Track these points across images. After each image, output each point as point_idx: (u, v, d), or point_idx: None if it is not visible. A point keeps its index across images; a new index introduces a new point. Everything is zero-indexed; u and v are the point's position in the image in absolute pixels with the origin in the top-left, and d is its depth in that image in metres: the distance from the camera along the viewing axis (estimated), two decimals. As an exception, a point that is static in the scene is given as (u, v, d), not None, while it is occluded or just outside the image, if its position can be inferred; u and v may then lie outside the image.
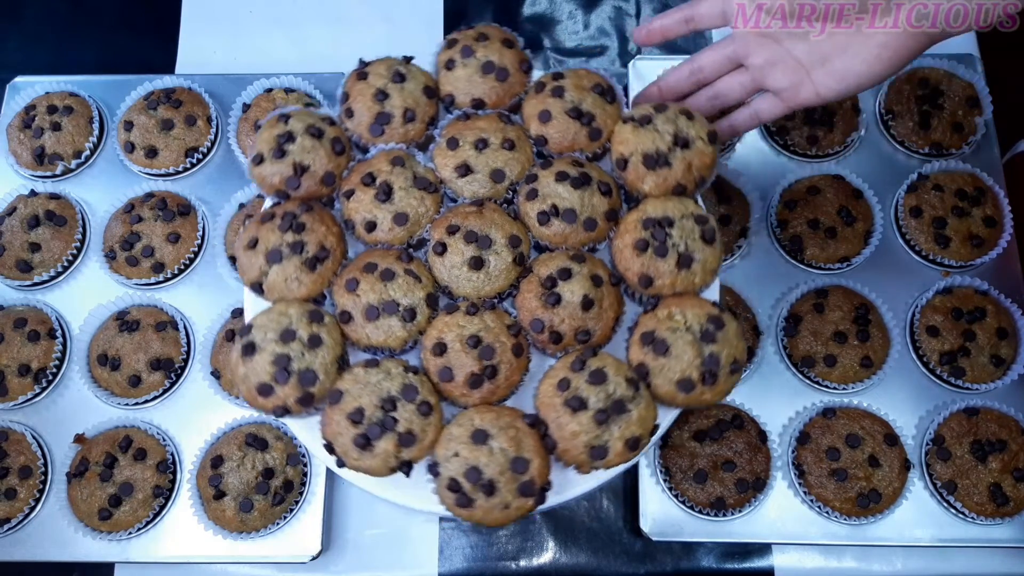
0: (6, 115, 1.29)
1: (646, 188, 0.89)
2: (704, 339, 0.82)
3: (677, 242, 0.85)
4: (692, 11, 0.94)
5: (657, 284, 0.86)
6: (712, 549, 1.13)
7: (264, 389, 0.81)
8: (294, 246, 0.86)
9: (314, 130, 0.91)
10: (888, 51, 0.82)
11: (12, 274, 1.19)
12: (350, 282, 0.86)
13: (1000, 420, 1.09)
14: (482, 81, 0.94)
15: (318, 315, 0.85)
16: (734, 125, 0.99)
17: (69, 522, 1.08)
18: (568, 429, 0.79)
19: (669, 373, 0.81)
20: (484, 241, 0.86)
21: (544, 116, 0.92)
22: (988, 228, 1.16)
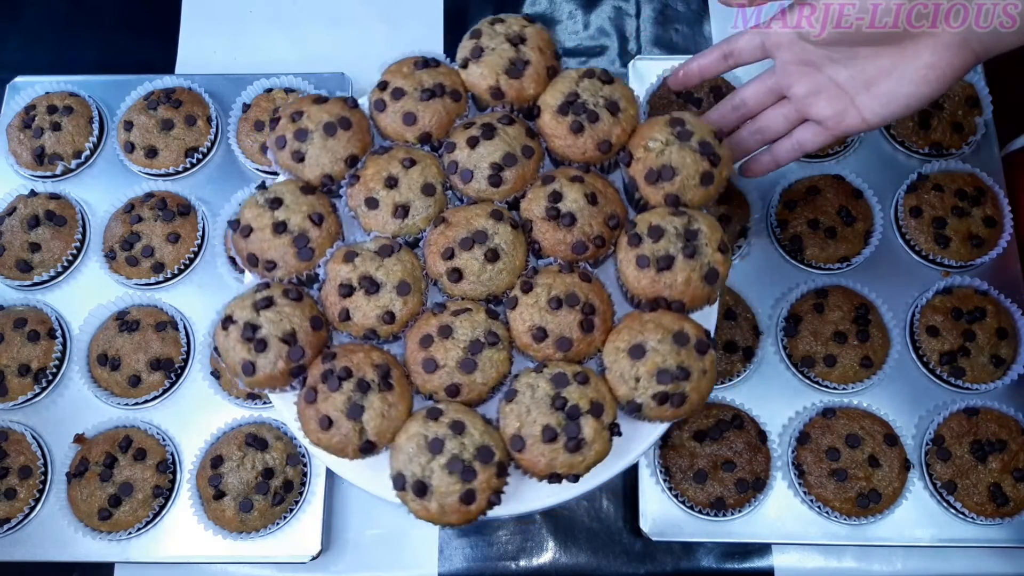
0: (6, 115, 1.29)
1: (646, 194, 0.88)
2: (677, 340, 0.80)
3: (669, 248, 0.83)
4: (730, 46, 0.93)
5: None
6: (712, 549, 1.13)
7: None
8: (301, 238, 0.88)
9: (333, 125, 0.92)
10: (935, 71, 0.80)
11: (12, 274, 1.19)
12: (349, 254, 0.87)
13: (1000, 420, 1.09)
14: (502, 75, 0.93)
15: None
16: (776, 158, 0.98)
17: (69, 522, 1.08)
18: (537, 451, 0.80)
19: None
20: (491, 254, 0.86)
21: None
22: (988, 228, 1.16)
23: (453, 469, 0.77)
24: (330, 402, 0.80)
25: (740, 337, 1.13)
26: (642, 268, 0.84)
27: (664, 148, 0.87)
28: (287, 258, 0.86)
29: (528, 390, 0.80)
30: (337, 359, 0.82)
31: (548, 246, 0.87)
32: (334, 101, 0.92)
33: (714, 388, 1.12)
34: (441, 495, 0.77)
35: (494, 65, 0.92)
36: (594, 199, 0.87)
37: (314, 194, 0.89)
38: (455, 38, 0.98)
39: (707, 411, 1.10)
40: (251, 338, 0.82)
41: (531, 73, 0.92)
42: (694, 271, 0.83)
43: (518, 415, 0.79)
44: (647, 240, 0.84)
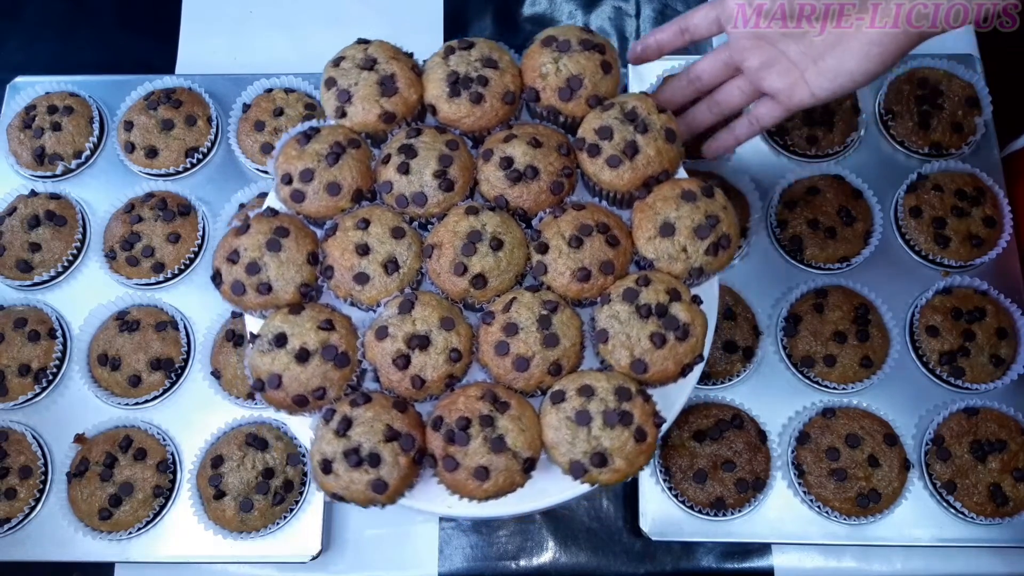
0: (6, 115, 1.29)
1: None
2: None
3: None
4: (686, 22, 0.94)
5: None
6: (712, 549, 1.13)
7: (324, 466, 0.81)
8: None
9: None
10: (878, 48, 0.82)
11: (12, 274, 1.19)
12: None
13: (1000, 420, 1.09)
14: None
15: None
16: (736, 134, 0.99)
17: (69, 522, 1.08)
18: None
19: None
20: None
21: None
22: (988, 228, 1.16)
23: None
24: (470, 455, 0.79)
25: (740, 337, 1.13)
26: (615, 167, 0.88)
27: (556, 66, 0.91)
28: (330, 376, 0.83)
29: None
30: (444, 415, 0.81)
31: (529, 205, 0.89)
32: (258, 219, 0.88)
33: (714, 388, 1.12)
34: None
35: (368, 97, 0.91)
36: (537, 143, 0.89)
37: (304, 309, 0.86)
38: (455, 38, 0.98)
39: (707, 411, 1.10)
40: (360, 461, 0.79)
41: (403, 82, 0.92)
42: (657, 139, 0.88)
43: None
44: (603, 142, 0.88)
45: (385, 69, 0.92)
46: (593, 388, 0.80)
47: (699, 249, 0.85)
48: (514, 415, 0.80)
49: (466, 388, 0.83)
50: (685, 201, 0.85)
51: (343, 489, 0.80)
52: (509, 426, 0.80)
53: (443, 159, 0.88)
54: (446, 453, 0.79)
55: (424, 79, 0.94)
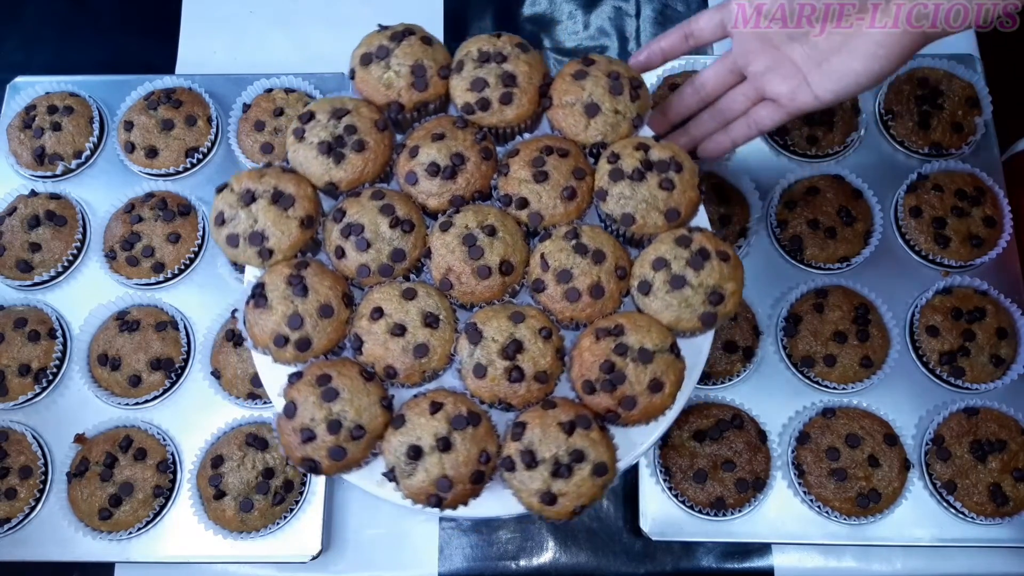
0: (6, 115, 1.29)
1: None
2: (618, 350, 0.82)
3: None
4: (691, 26, 0.94)
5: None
6: (712, 549, 1.13)
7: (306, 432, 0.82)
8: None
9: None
10: (884, 49, 0.82)
11: (12, 274, 1.19)
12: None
13: (1000, 420, 1.09)
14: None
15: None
16: (733, 137, 0.98)
17: (69, 522, 1.08)
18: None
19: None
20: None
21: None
22: (988, 228, 1.16)
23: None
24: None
25: (740, 337, 1.13)
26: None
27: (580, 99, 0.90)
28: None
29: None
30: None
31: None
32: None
33: (714, 388, 1.12)
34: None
35: (392, 80, 0.92)
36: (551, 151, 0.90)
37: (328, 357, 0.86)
38: (455, 39, 0.98)
39: (707, 411, 1.10)
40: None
41: (430, 77, 0.93)
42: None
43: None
44: (623, 177, 0.87)
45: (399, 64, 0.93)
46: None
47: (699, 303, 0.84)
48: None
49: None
50: (677, 244, 0.85)
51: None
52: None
53: (455, 157, 0.90)
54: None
55: (452, 82, 0.94)
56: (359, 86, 0.94)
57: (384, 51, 0.93)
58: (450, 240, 0.86)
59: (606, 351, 0.82)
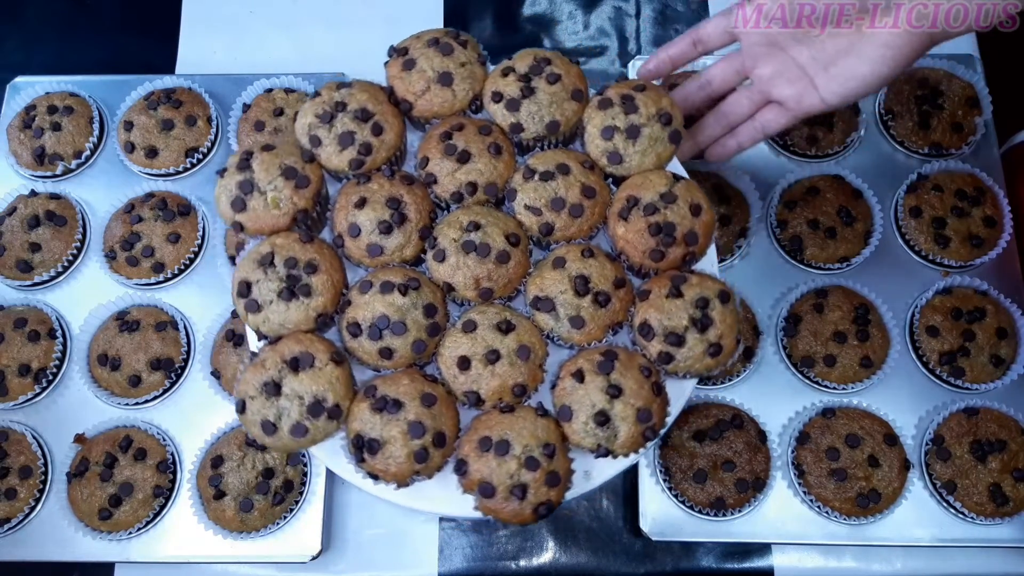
0: (6, 115, 1.29)
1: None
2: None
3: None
4: (698, 33, 0.94)
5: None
6: (712, 549, 1.13)
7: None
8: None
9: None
10: (891, 51, 0.82)
11: (12, 274, 1.19)
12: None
13: (1000, 420, 1.09)
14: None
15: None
16: (740, 141, 0.99)
17: (69, 522, 1.08)
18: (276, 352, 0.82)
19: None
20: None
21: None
22: (988, 228, 1.16)
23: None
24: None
25: (740, 337, 1.13)
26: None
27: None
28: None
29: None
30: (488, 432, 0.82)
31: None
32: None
33: (714, 388, 1.12)
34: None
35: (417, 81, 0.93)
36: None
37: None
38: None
39: (707, 411, 1.10)
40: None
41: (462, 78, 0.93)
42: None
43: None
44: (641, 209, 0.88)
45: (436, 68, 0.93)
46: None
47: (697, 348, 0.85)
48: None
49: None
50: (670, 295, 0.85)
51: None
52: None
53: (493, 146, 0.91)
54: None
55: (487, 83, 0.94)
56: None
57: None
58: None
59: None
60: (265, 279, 0.84)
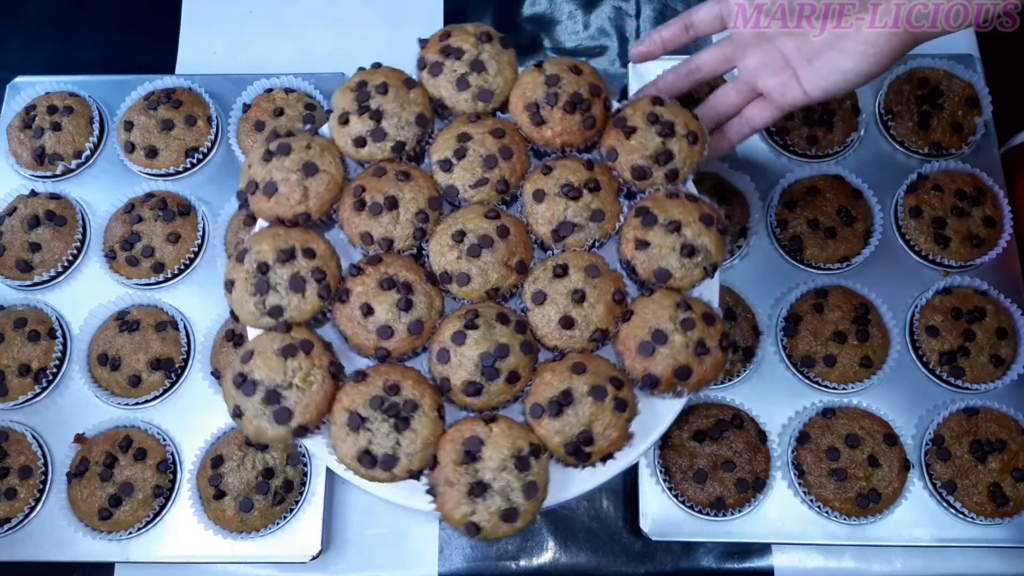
0: (6, 115, 1.29)
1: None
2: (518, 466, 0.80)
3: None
4: (690, 17, 0.95)
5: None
6: (712, 549, 1.13)
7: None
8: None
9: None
10: (874, 48, 0.82)
11: (12, 274, 1.19)
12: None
13: (1000, 420, 1.09)
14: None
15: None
16: (728, 137, 0.99)
17: (69, 522, 1.08)
18: (350, 397, 0.82)
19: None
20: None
21: (641, 244, 0.89)
22: (988, 228, 1.16)
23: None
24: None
25: (740, 337, 1.13)
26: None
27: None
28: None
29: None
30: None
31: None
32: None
33: (714, 388, 1.12)
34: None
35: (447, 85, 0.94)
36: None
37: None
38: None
39: (707, 411, 1.10)
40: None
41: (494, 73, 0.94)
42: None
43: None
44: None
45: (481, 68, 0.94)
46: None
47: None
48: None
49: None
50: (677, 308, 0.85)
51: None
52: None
53: (504, 149, 0.91)
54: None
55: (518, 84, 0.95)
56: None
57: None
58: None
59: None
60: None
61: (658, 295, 0.87)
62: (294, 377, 0.82)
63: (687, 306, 0.85)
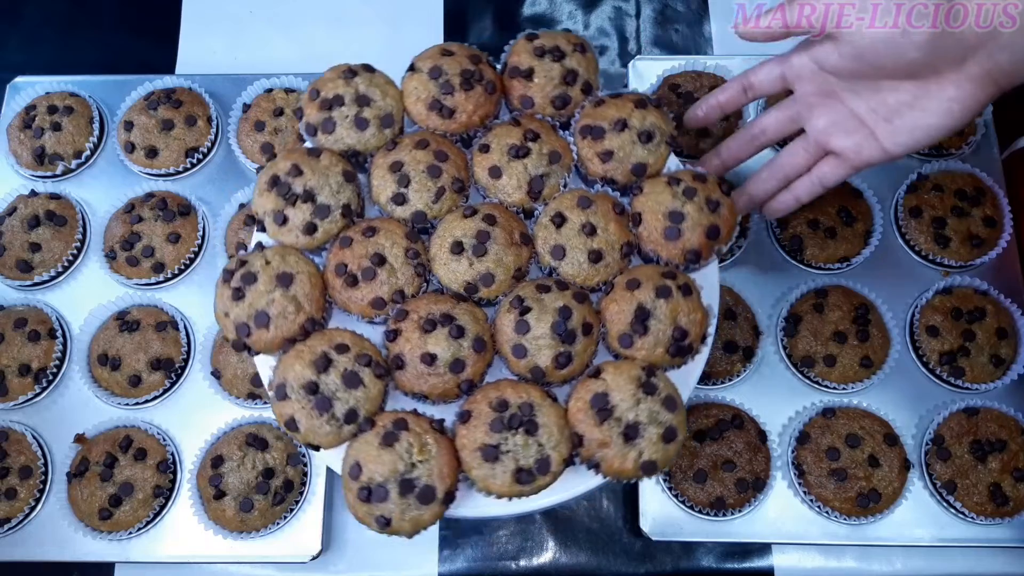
0: (6, 115, 1.29)
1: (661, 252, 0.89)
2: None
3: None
4: (749, 79, 0.93)
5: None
6: (712, 549, 1.13)
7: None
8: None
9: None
10: (959, 104, 0.80)
11: (12, 274, 1.19)
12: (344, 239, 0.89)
13: (1000, 420, 1.09)
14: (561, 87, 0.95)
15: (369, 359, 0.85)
16: (797, 195, 0.96)
17: (69, 522, 1.08)
18: (470, 437, 0.81)
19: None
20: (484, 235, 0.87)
21: (605, 156, 0.91)
22: (988, 228, 1.16)
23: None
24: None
25: (740, 337, 1.13)
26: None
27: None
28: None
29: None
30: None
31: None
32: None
33: (714, 388, 1.12)
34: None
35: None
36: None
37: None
38: (455, 38, 0.98)
39: (707, 411, 1.10)
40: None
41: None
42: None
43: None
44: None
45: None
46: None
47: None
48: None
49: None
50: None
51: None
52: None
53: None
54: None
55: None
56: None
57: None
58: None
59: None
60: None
61: (647, 188, 0.90)
62: (412, 456, 0.80)
63: (677, 180, 0.89)
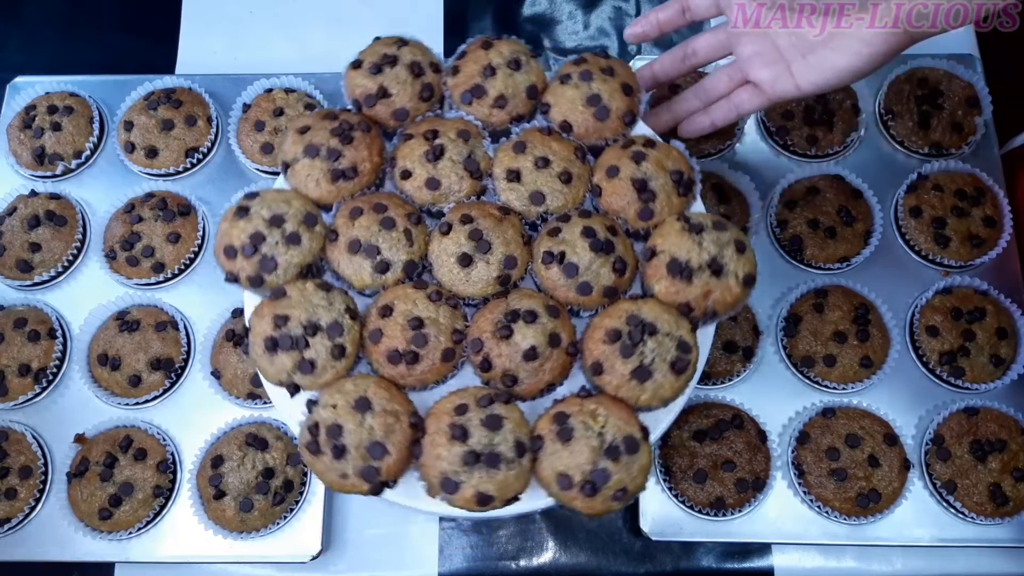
0: (6, 115, 1.29)
1: (656, 288, 0.86)
2: (608, 453, 0.78)
3: (647, 354, 0.81)
4: (688, 2, 0.95)
5: (604, 378, 0.83)
6: (712, 549, 1.13)
7: (229, 251, 0.86)
8: (331, 152, 0.89)
9: (417, 67, 0.94)
10: (869, 48, 0.83)
11: (12, 274, 1.19)
12: (355, 210, 0.88)
13: (1000, 420, 1.09)
14: (582, 110, 0.93)
15: (312, 219, 0.87)
16: (713, 118, 1.00)
17: (69, 522, 1.08)
18: (436, 451, 0.79)
19: (556, 461, 0.79)
20: (483, 245, 0.86)
21: (612, 171, 0.90)
22: (988, 228, 1.16)
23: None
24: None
25: (740, 337, 1.13)
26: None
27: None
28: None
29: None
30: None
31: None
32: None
33: (714, 388, 1.12)
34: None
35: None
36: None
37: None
38: (455, 39, 0.98)
39: (707, 411, 1.10)
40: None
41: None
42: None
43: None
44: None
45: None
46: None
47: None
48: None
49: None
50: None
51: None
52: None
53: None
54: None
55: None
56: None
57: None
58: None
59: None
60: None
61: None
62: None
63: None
